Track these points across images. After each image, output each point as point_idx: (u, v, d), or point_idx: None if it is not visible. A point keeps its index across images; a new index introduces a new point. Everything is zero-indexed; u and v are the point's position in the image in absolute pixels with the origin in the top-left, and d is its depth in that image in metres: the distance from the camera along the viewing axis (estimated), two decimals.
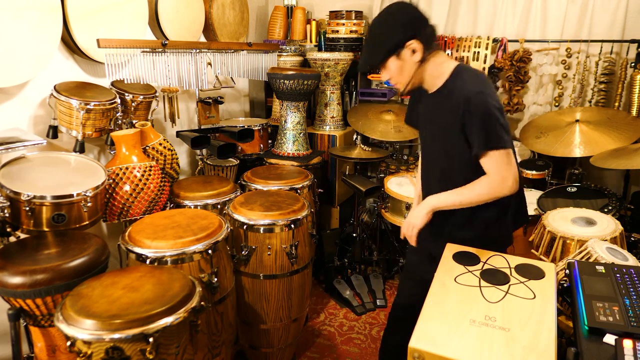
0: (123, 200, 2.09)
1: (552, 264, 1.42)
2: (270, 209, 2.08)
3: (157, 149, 2.39)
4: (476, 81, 1.47)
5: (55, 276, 1.48)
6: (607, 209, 2.18)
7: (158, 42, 2.30)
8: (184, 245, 1.68)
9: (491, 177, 1.46)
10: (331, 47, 3.31)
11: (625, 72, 2.66)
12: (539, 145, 2.61)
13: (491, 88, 1.49)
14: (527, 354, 1.03)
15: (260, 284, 2.10)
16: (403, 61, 1.49)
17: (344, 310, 2.84)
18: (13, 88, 2.01)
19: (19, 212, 1.68)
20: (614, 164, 2.21)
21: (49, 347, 1.58)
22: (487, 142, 1.42)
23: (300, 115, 2.97)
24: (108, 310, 1.28)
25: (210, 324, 1.77)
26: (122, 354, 1.24)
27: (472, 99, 1.41)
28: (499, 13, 3.03)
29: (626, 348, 0.97)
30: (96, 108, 2.04)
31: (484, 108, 1.41)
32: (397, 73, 1.52)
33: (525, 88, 3.01)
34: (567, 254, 1.80)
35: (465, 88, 1.44)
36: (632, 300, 1.13)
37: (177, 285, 1.43)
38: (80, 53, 2.21)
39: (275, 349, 2.25)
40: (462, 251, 1.50)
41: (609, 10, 2.74)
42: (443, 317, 1.17)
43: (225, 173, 2.81)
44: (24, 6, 1.90)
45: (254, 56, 2.90)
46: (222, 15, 3.07)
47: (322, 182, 3.18)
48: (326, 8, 3.55)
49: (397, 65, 1.50)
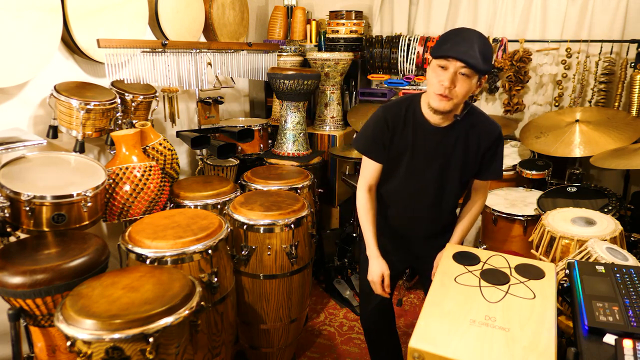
0: (123, 200, 2.09)
1: (552, 264, 1.42)
2: (270, 209, 2.08)
3: (157, 149, 2.39)
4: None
5: (55, 276, 1.48)
6: (607, 209, 2.18)
7: (158, 42, 2.30)
8: (184, 245, 1.68)
9: (485, 197, 1.75)
10: (331, 47, 3.31)
11: (625, 72, 2.66)
12: (539, 145, 2.61)
13: None
14: (527, 354, 1.03)
15: (260, 284, 2.10)
16: (474, 86, 1.45)
17: (344, 310, 2.84)
18: (13, 88, 2.01)
19: (19, 212, 1.68)
20: (613, 164, 2.21)
21: (49, 347, 1.58)
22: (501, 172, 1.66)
23: (300, 115, 2.97)
24: (108, 310, 1.28)
25: (210, 324, 1.77)
26: (122, 354, 1.24)
27: (501, 134, 1.61)
28: (499, 13, 3.03)
29: (626, 348, 0.97)
30: (96, 108, 2.04)
31: (503, 143, 1.65)
32: (466, 90, 1.44)
33: (525, 88, 3.01)
34: (567, 254, 1.80)
35: (494, 123, 1.61)
36: (632, 300, 1.13)
37: (177, 285, 1.43)
38: (80, 53, 2.21)
39: (275, 349, 2.25)
40: (462, 251, 1.50)
41: (609, 10, 2.74)
42: (443, 317, 1.17)
43: (225, 173, 2.81)
44: (24, 6, 1.90)
45: (254, 56, 2.90)
46: (222, 15, 3.07)
47: (322, 182, 3.18)
48: (326, 8, 3.55)
49: (471, 84, 1.44)
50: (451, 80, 1.41)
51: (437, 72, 1.43)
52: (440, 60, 1.41)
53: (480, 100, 3.21)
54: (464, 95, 1.45)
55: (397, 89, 3.39)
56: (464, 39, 1.39)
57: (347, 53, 3.15)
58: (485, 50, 1.41)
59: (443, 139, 1.58)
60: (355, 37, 3.28)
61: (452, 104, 1.46)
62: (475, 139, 1.58)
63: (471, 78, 1.41)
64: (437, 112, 1.51)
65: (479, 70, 1.39)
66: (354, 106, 3.42)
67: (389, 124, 1.59)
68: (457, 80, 1.42)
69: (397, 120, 1.59)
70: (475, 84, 1.45)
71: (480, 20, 3.10)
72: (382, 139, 1.61)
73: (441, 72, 1.42)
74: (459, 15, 3.17)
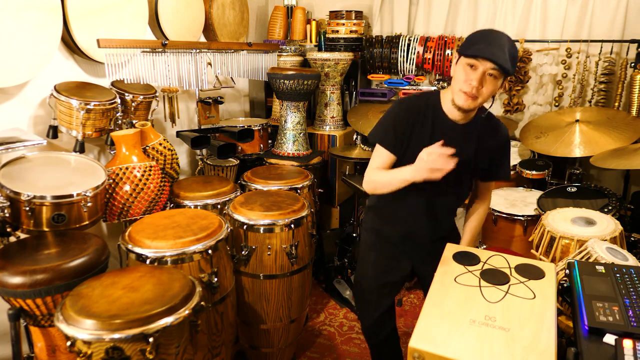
0: (123, 200, 2.09)
1: (552, 264, 1.42)
2: (270, 209, 2.08)
3: (157, 149, 2.39)
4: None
5: (55, 276, 1.48)
6: (607, 209, 2.18)
7: (158, 42, 2.30)
8: (184, 245, 1.68)
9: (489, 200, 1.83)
10: (331, 47, 3.31)
11: (625, 72, 2.66)
12: (539, 145, 2.61)
13: None
14: (527, 354, 1.03)
15: (260, 284, 2.10)
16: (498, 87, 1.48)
17: (344, 310, 2.84)
18: (13, 88, 2.01)
19: (19, 212, 1.68)
20: (613, 164, 2.21)
21: (49, 347, 1.58)
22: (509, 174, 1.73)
23: (300, 115, 2.97)
24: (108, 310, 1.28)
25: (210, 324, 1.77)
26: (122, 354, 1.24)
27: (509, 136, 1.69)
28: (499, 13, 3.03)
29: (626, 348, 0.97)
30: (96, 108, 2.04)
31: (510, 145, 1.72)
32: (491, 90, 1.46)
33: (525, 88, 3.01)
34: (567, 254, 1.80)
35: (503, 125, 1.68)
36: (632, 300, 1.13)
37: (177, 285, 1.43)
38: (80, 53, 2.21)
39: (275, 349, 2.25)
40: (462, 251, 1.50)
41: (609, 10, 2.74)
42: (443, 317, 1.17)
43: (225, 173, 2.81)
44: (24, 6, 1.90)
45: (254, 56, 2.90)
46: (222, 15, 3.07)
47: (322, 182, 3.18)
48: (326, 8, 3.55)
49: (497, 85, 1.46)
50: (480, 81, 1.42)
51: (466, 71, 1.44)
52: (471, 60, 1.42)
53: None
54: (489, 95, 1.47)
55: (397, 89, 3.39)
56: (495, 40, 1.42)
57: (347, 53, 3.15)
58: (514, 53, 1.43)
59: (461, 135, 1.59)
60: (355, 37, 3.28)
61: (478, 103, 1.48)
62: (487, 139, 1.62)
63: (498, 79, 1.44)
64: (460, 109, 1.52)
65: (507, 72, 1.41)
66: (354, 106, 3.42)
67: (410, 117, 1.58)
68: (485, 81, 1.43)
69: (418, 114, 1.58)
70: (499, 84, 1.47)
71: (480, 20, 3.10)
72: (403, 131, 1.58)
73: (470, 71, 1.43)
74: (459, 15, 3.17)
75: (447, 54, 3.07)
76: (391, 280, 1.83)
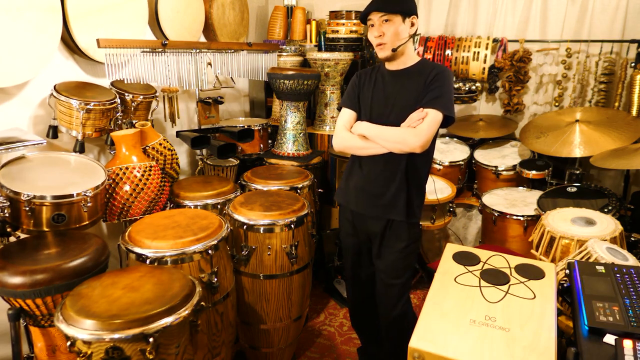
0: (123, 200, 2.09)
1: (552, 264, 1.42)
2: (270, 209, 2.08)
3: (157, 149, 2.39)
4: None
5: (55, 276, 1.48)
6: (607, 209, 2.18)
7: (158, 42, 2.30)
8: (184, 245, 1.68)
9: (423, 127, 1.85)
10: (331, 47, 3.31)
11: (625, 72, 2.66)
12: (539, 145, 2.61)
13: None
14: (527, 354, 1.03)
15: (260, 284, 2.10)
16: (404, 27, 1.69)
17: (344, 310, 2.84)
18: (13, 88, 2.01)
19: (19, 212, 1.68)
20: (614, 164, 2.21)
21: (49, 347, 1.58)
22: (447, 106, 1.72)
23: (300, 115, 2.97)
24: (108, 310, 1.28)
25: (210, 324, 1.78)
26: (122, 354, 1.24)
27: (445, 71, 1.74)
28: (499, 13, 3.03)
29: (626, 348, 0.97)
30: (96, 108, 2.04)
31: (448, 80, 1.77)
32: (394, 34, 1.69)
33: (525, 88, 3.01)
34: (567, 254, 1.80)
35: (441, 66, 1.77)
36: (632, 300, 1.13)
37: (177, 285, 1.43)
38: (80, 53, 2.21)
39: (275, 349, 2.25)
40: (462, 251, 1.50)
41: (609, 10, 2.73)
42: (443, 317, 1.17)
43: (225, 173, 2.81)
44: (24, 6, 1.90)
45: (254, 56, 2.90)
46: (222, 15, 3.07)
47: (322, 182, 3.18)
48: (326, 8, 3.55)
49: (399, 28, 1.68)
50: (379, 31, 1.70)
51: (370, 31, 1.74)
52: (368, 22, 1.73)
53: (480, 100, 3.21)
54: (394, 35, 1.69)
55: None
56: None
57: (347, 53, 3.15)
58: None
59: (397, 80, 1.79)
60: (355, 37, 3.27)
61: (388, 47, 1.71)
62: (423, 79, 1.74)
63: (394, 21, 1.68)
64: (385, 60, 1.79)
65: (394, 11, 1.65)
66: None
67: (359, 80, 1.91)
68: (383, 28, 1.69)
69: (365, 76, 1.90)
70: (402, 24, 1.68)
71: (480, 20, 3.10)
72: (354, 92, 1.90)
73: (372, 30, 1.73)
74: (459, 15, 3.17)
75: (447, 54, 3.07)
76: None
